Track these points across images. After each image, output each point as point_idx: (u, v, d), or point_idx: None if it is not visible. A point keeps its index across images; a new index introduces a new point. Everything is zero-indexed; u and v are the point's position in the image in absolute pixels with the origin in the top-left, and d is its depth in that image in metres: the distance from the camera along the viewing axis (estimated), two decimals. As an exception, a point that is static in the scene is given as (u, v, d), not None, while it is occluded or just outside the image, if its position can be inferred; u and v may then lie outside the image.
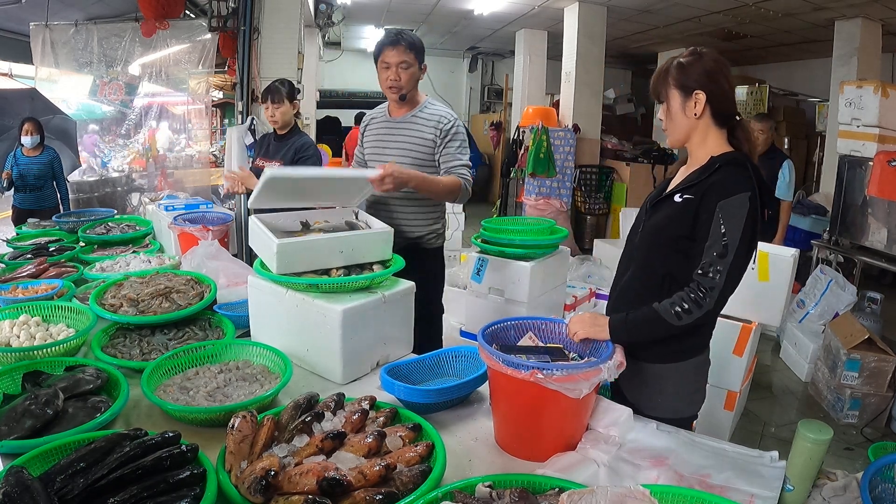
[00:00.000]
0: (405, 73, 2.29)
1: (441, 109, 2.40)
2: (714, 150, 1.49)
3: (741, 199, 1.38)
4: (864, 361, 3.35)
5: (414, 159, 2.36)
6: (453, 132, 2.35)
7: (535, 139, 6.78)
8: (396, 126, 2.40)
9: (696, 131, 1.50)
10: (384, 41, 2.31)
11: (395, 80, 2.29)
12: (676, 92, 1.48)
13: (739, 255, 1.38)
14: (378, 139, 2.45)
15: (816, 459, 1.27)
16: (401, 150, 2.38)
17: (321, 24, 7.95)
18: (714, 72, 1.45)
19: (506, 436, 1.42)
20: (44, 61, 5.76)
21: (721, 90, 1.47)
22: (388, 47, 2.28)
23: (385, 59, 2.29)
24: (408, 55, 2.28)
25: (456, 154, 2.35)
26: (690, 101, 1.47)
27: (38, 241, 3.12)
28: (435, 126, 2.34)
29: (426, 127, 2.35)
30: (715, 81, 1.45)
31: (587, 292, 3.65)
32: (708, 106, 1.46)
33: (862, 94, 4.29)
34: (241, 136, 4.83)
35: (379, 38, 2.36)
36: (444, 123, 2.34)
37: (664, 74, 1.50)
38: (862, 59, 6.10)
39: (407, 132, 2.38)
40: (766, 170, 4.17)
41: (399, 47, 2.27)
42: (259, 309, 1.94)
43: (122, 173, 6.34)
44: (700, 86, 1.45)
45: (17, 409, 1.37)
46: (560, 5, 7.23)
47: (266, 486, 1.06)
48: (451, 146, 2.35)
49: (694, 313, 1.38)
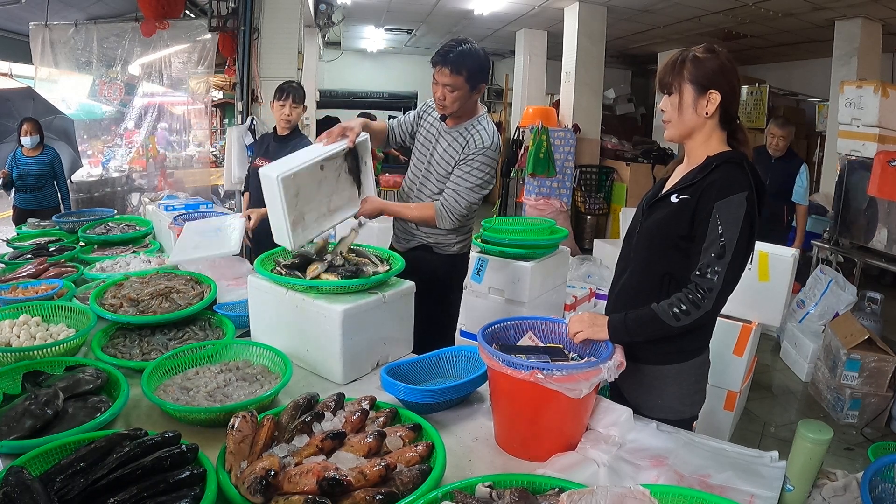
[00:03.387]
0: (451, 95, 2.17)
1: (482, 133, 2.25)
2: (713, 150, 1.48)
3: (738, 199, 1.37)
4: (864, 361, 3.35)
5: (435, 173, 2.32)
6: (472, 157, 2.24)
7: (535, 139, 6.78)
8: (441, 134, 2.33)
9: (701, 130, 1.48)
10: (436, 54, 2.16)
11: (440, 99, 2.20)
12: (691, 87, 1.44)
13: (737, 256, 1.37)
14: (424, 138, 2.38)
15: (816, 459, 1.27)
16: (432, 158, 2.33)
17: (321, 24, 7.95)
18: (731, 73, 1.44)
19: (506, 436, 1.42)
20: (43, 61, 5.76)
21: (734, 92, 1.45)
22: (437, 66, 2.15)
23: (435, 76, 2.18)
24: (455, 79, 2.13)
25: (458, 178, 2.25)
26: (704, 99, 1.44)
27: (38, 241, 3.12)
28: (464, 146, 2.25)
29: (458, 143, 2.27)
30: (730, 83, 1.44)
31: (587, 292, 3.66)
32: (720, 107, 1.44)
33: (862, 94, 4.29)
34: (241, 136, 4.83)
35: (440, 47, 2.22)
36: (470, 148, 2.24)
37: (678, 67, 1.46)
38: (862, 59, 6.10)
39: (444, 145, 2.31)
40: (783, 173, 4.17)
41: (445, 69, 2.13)
42: (259, 309, 1.94)
43: (122, 173, 6.35)
44: (716, 85, 1.42)
45: (17, 409, 1.37)
46: (560, 5, 7.23)
47: (266, 486, 1.06)
48: (460, 167, 2.25)
49: (692, 314, 1.38)
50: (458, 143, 2.27)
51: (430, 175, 2.34)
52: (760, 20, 6.75)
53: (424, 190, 2.36)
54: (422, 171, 2.37)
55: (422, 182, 2.37)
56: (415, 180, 2.40)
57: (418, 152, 2.41)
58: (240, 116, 4.94)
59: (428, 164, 2.35)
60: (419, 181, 2.38)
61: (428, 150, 2.36)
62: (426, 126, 2.39)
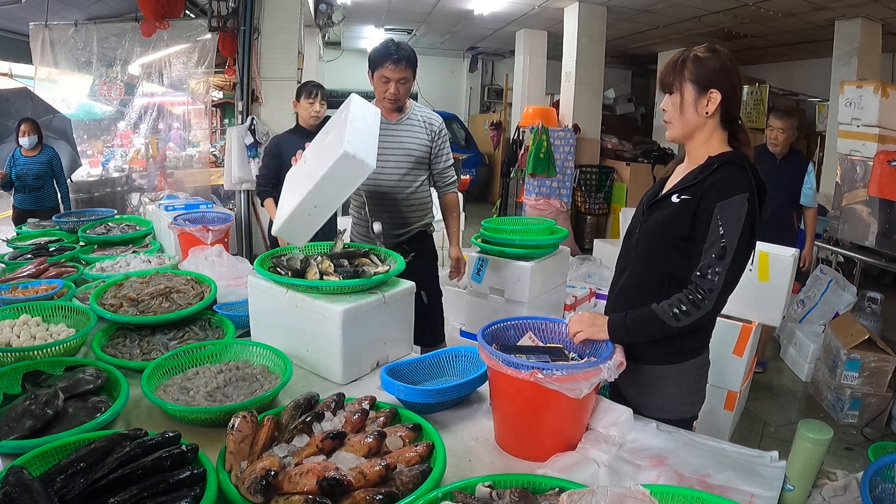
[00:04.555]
0: (403, 87, 2.40)
1: (427, 112, 2.59)
2: (714, 151, 1.48)
3: (740, 200, 1.37)
4: (864, 361, 3.35)
5: (414, 160, 2.53)
6: (444, 134, 2.59)
7: (535, 139, 6.78)
8: (394, 128, 2.49)
9: (702, 130, 1.48)
10: (384, 55, 2.35)
11: (394, 94, 2.39)
12: (691, 86, 1.44)
13: (738, 257, 1.37)
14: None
15: (816, 459, 1.27)
16: (402, 150, 2.51)
17: (321, 24, 7.95)
18: (732, 72, 1.44)
19: (506, 436, 1.42)
20: (43, 61, 5.75)
21: (735, 92, 1.45)
22: (389, 63, 2.34)
23: (385, 74, 2.37)
24: (406, 72, 2.38)
25: (446, 160, 2.62)
26: (704, 99, 1.44)
27: (38, 241, 3.12)
28: (427, 129, 2.53)
29: (420, 129, 2.52)
30: (731, 82, 1.44)
31: (587, 292, 3.65)
32: (721, 106, 1.44)
33: (862, 94, 4.29)
34: (241, 136, 4.83)
35: (376, 48, 2.42)
36: (436, 126, 2.55)
37: (679, 66, 1.46)
38: (862, 59, 6.10)
39: (405, 135, 2.51)
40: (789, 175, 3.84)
41: (400, 65, 2.35)
42: (259, 309, 1.94)
43: (122, 173, 6.34)
44: (717, 85, 1.42)
45: (17, 409, 1.37)
46: (560, 5, 7.23)
47: (266, 486, 1.06)
48: (443, 149, 2.59)
49: (692, 315, 1.38)
50: (420, 129, 2.52)
51: (405, 167, 2.51)
52: (760, 20, 6.75)
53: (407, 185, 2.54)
54: (397, 169, 2.50)
55: (398, 176, 2.51)
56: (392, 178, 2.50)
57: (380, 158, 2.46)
58: (240, 116, 4.94)
59: (398, 160, 2.49)
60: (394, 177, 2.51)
61: (390, 148, 2.45)
62: None
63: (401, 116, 2.51)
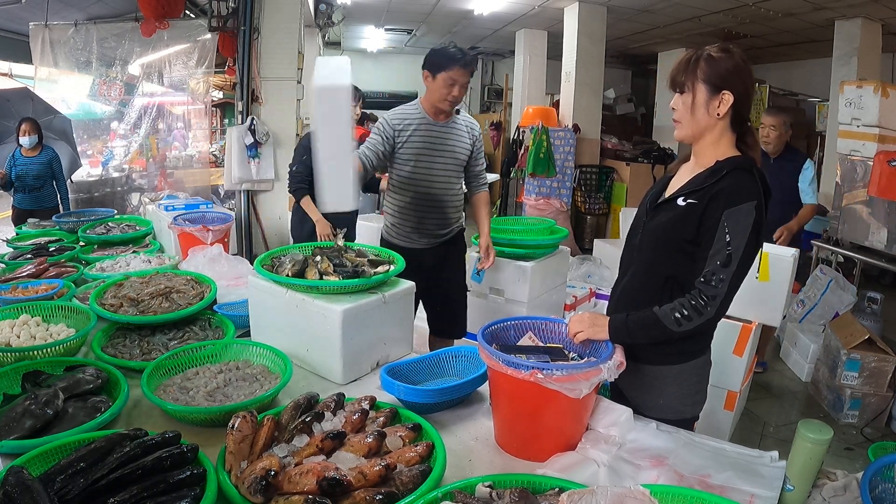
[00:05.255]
0: (464, 91, 2.51)
1: (467, 117, 2.69)
2: (722, 154, 1.46)
3: (747, 208, 1.35)
4: (864, 361, 3.35)
5: (459, 163, 2.63)
6: (481, 138, 2.72)
7: (535, 139, 6.78)
8: (443, 131, 2.58)
9: (711, 131, 1.46)
10: (453, 58, 2.42)
11: (457, 96, 2.47)
12: (704, 86, 1.42)
13: (742, 264, 1.37)
14: (428, 142, 2.56)
15: (816, 459, 1.27)
16: (450, 153, 2.60)
17: (321, 24, 7.94)
18: (745, 73, 1.41)
19: (506, 436, 1.42)
20: (43, 61, 5.75)
21: (748, 94, 1.43)
22: (458, 67, 2.42)
23: (454, 77, 2.43)
24: (469, 76, 2.48)
25: (482, 163, 2.76)
26: (716, 100, 1.42)
27: (38, 241, 3.12)
28: (470, 133, 2.65)
29: (464, 132, 2.63)
30: (744, 84, 1.42)
31: (587, 292, 3.65)
32: (732, 108, 1.42)
33: (862, 94, 4.29)
34: (241, 136, 4.82)
35: (442, 51, 2.47)
36: (476, 131, 2.68)
37: (693, 65, 1.43)
38: (862, 59, 6.10)
39: (454, 137, 2.60)
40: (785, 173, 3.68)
41: (468, 69, 2.44)
42: (259, 309, 1.94)
43: (122, 173, 6.34)
44: (730, 86, 1.40)
45: (17, 409, 1.37)
46: (560, 5, 7.23)
47: (266, 486, 1.06)
48: (480, 153, 2.72)
49: (694, 320, 1.38)
50: (464, 133, 2.62)
51: (452, 170, 2.61)
52: (760, 20, 6.75)
53: (452, 187, 2.64)
54: (446, 171, 2.60)
55: (446, 179, 2.61)
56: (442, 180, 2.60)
57: (426, 158, 2.55)
58: (240, 116, 4.93)
59: (446, 162, 2.59)
60: (444, 180, 2.60)
61: (440, 151, 2.57)
62: (417, 135, 2.53)
63: (447, 120, 2.58)
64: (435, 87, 2.47)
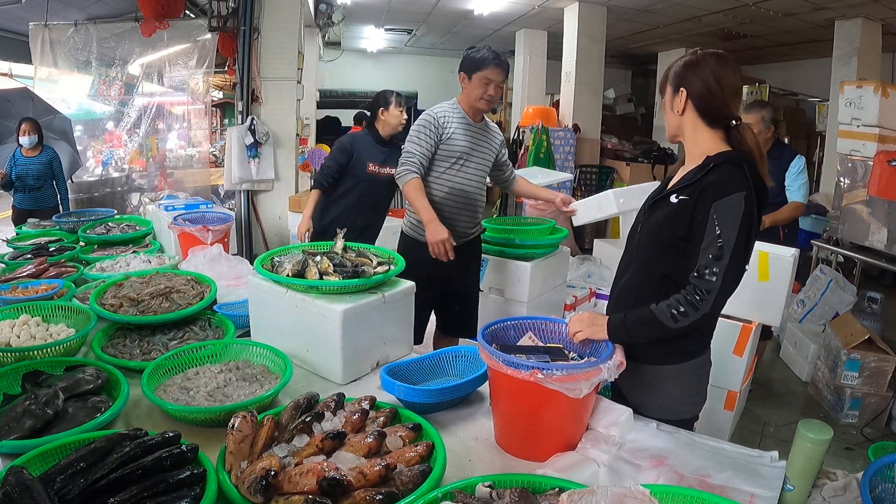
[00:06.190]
0: (499, 90, 2.55)
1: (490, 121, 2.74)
2: (709, 149, 1.47)
3: (736, 199, 1.36)
4: (864, 361, 3.35)
5: (489, 164, 2.70)
6: (503, 140, 2.79)
7: (535, 139, 6.78)
8: (479, 131, 2.64)
9: (682, 128, 1.53)
10: (488, 58, 2.46)
11: (493, 95, 2.51)
12: (669, 87, 1.53)
13: (736, 257, 1.36)
14: (468, 140, 2.60)
15: (816, 459, 1.27)
16: (484, 153, 2.66)
17: (321, 24, 7.95)
18: (702, 69, 1.46)
19: (506, 436, 1.42)
20: (43, 61, 5.76)
21: (706, 89, 1.45)
22: (496, 68, 2.46)
23: (490, 76, 2.47)
24: (504, 76, 2.52)
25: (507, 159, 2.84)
26: (677, 98, 1.50)
27: (38, 241, 3.12)
28: (498, 134, 2.74)
29: (495, 134, 2.71)
30: (700, 79, 1.46)
31: (587, 292, 3.65)
32: (690, 103, 1.48)
33: (862, 94, 4.29)
34: (241, 136, 4.83)
35: (477, 52, 2.51)
36: (500, 135, 2.76)
37: (668, 70, 1.55)
38: (862, 59, 6.10)
39: (488, 139, 2.67)
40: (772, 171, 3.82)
41: (502, 69, 2.48)
42: (259, 309, 1.94)
43: (122, 173, 6.34)
44: (686, 83, 1.48)
45: (17, 409, 1.37)
46: (560, 5, 7.23)
47: (266, 486, 1.06)
48: (505, 153, 2.80)
49: (690, 316, 1.38)
50: (492, 134, 2.70)
51: (485, 170, 2.68)
52: (760, 20, 6.76)
53: (483, 187, 2.69)
54: (480, 171, 2.66)
55: (480, 178, 2.67)
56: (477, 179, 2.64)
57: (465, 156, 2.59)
58: (240, 116, 4.94)
59: (480, 162, 2.64)
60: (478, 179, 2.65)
61: (477, 150, 2.62)
62: (459, 133, 2.57)
63: (481, 119, 2.65)
64: (471, 88, 2.52)
